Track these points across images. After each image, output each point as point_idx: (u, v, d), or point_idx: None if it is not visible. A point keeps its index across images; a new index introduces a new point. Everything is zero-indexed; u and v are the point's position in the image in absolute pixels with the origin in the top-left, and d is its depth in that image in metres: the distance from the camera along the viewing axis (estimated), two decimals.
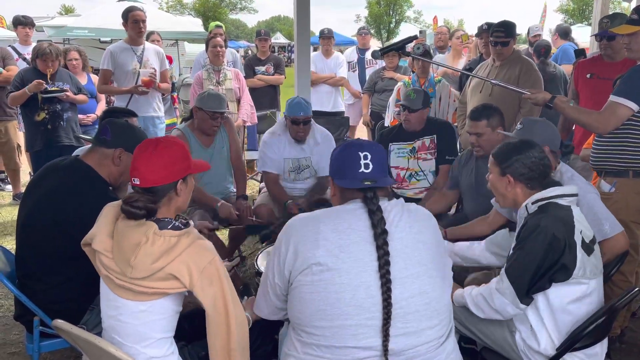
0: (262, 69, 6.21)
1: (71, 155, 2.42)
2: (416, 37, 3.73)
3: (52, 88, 4.47)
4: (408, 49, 5.59)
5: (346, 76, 6.51)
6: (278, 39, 38.36)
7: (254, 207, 3.74)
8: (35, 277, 2.20)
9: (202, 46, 7.31)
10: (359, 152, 1.69)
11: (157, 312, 1.71)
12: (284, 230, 1.70)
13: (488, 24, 4.92)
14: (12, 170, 5.74)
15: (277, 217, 3.63)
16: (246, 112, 5.28)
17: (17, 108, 5.16)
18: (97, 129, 2.52)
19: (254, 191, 5.48)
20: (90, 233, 1.80)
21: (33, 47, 4.87)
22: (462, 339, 2.26)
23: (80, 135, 4.62)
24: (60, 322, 1.77)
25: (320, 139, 3.78)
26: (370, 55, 6.48)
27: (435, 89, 4.71)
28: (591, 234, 2.05)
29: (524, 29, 7.40)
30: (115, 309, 1.73)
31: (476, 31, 5.73)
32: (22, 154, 5.64)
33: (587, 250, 1.98)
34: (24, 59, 5.64)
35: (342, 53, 7.19)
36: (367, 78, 6.21)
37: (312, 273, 1.58)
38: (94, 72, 6.08)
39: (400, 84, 4.96)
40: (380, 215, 1.61)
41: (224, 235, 4.11)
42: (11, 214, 5.24)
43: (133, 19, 4.59)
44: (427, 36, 8.22)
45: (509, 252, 2.07)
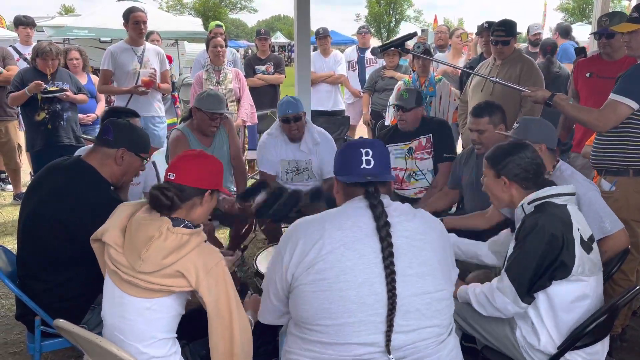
0: (262, 68, 6.21)
1: (73, 156, 2.43)
2: (415, 34, 3.73)
3: (51, 88, 4.46)
4: (408, 47, 5.60)
5: (345, 74, 6.49)
6: (278, 38, 38.34)
7: (253, 207, 3.74)
8: (37, 277, 2.21)
9: (202, 46, 7.32)
10: (361, 149, 1.71)
11: (161, 310, 1.72)
12: (289, 234, 1.70)
13: (489, 22, 4.91)
14: (13, 170, 5.75)
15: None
16: (246, 112, 5.27)
17: (17, 108, 5.15)
18: (99, 129, 2.52)
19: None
20: (101, 228, 1.82)
21: (33, 46, 4.86)
22: (464, 338, 2.26)
23: (81, 135, 4.62)
24: (61, 322, 1.78)
25: (320, 139, 3.75)
26: (370, 52, 6.48)
27: (435, 87, 4.70)
28: (589, 232, 2.06)
29: (524, 28, 7.40)
30: (119, 306, 1.74)
31: (476, 30, 5.73)
32: (23, 154, 5.64)
33: (586, 248, 1.99)
34: (25, 59, 5.63)
35: (342, 52, 7.18)
36: (367, 77, 6.20)
37: (316, 272, 1.58)
38: (94, 72, 6.08)
39: (400, 83, 4.95)
40: (382, 208, 1.63)
41: (224, 235, 4.11)
42: (12, 214, 5.24)
43: (134, 19, 4.60)
44: (428, 35, 8.20)
45: (508, 251, 2.07)
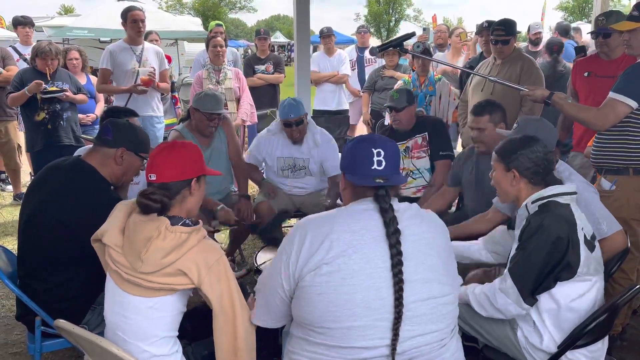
0: (262, 67, 6.20)
1: (73, 156, 2.43)
2: (414, 33, 3.73)
3: (51, 88, 4.46)
4: (407, 47, 5.59)
5: (349, 73, 6.47)
6: (278, 38, 38.34)
7: (254, 205, 3.75)
8: (37, 277, 2.20)
9: (202, 45, 7.31)
10: (372, 149, 1.64)
11: (163, 309, 1.72)
12: (296, 232, 1.65)
13: (488, 22, 4.91)
14: (13, 171, 5.75)
15: (274, 212, 3.66)
16: (245, 112, 5.26)
17: (17, 108, 5.15)
18: (98, 128, 2.52)
19: (254, 191, 5.47)
20: (101, 229, 1.81)
21: (32, 46, 4.85)
22: (464, 337, 2.25)
23: (82, 135, 4.61)
24: (62, 322, 1.77)
25: (320, 141, 3.76)
26: (368, 52, 6.47)
27: (435, 87, 4.71)
28: (591, 230, 2.05)
29: (524, 27, 7.40)
30: (121, 305, 1.74)
31: (476, 29, 5.72)
32: (23, 154, 5.64)
33: (590, 247, 1.99)
34: (25, 59, 5.63)
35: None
36: (366, 76, 6.20)
37: (322, 274, 1.54)
38: (93, 72, 6.07)
39: (400, 82, 4.96)
40: (392, 214, 1.58)
41: (223, 235, 4.11)
42: (12, 214, 5.24)
43: (132, 18, 4.59)
44: (429, 34, 8.19)
45: (511, 251, 2.06)
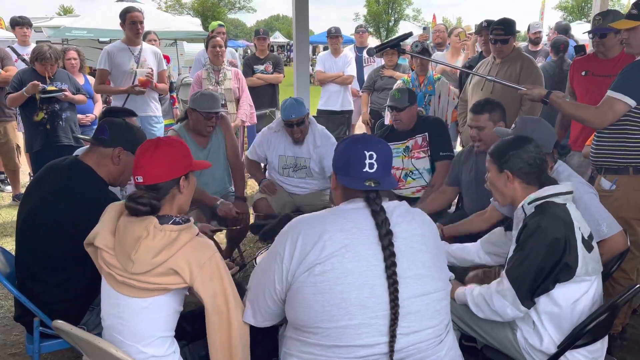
0: (261, 67, 6.20)
1: (71, 155, 2.42)
2: (411, 34, 3.73)
3: (50, 88, 4.46)
4: (406, 47, 5.58)
5: (354, 74, 6.44)
6: (277, 38, 38.35)
7: (253, 202, 3.75)
8: (35, 278, 2.20)
9: (201, 46, 7.30)
10: (364, 151, 1.64)
11: (158, 309, 1.71)
12: (288, 232, 1.65)
13: (488, 21, 4.91)
14: (12, 171, 5.74)
15: (276, 211, 3.68)
16: (245, 112, 5.26)
17: (16, 109, 5.15)
18: (95, 128, 2.52)
19: (254, 190, 5.47)
20: (92, 232, 1.80)
21: (33, 48, 4.85)
22: (463, 337, 2.25)
23: (79, 136, 4.61)
24: (60, 323, 1.77)
25: (320, 141, 3.76)
26: (366, 53, 6.46)
27: (434, 86, 4.70)
28: (588, 230, 2.05)
29: (523, 26, 7.40)
30: (117, 307, 1.73)
31: (475, 29, 5.72)
32: (22, 155, 5.63)
33: (587, 247, 1.98)
34: (23, 60, 5.63)
35: None
36: (364, 76, 6.19)
37: (316, 274, 1.55)
38: (92, 72, 6.06)
39: (399, 82, 4.95)
40: (384, 215, 1.59)
41: (221, 236, 4.10)
42: (11, 215, 5.23)
43: (131, 19, 4.58)
44: (429, 33, 8.19)
45: (508, 253, 2.06)
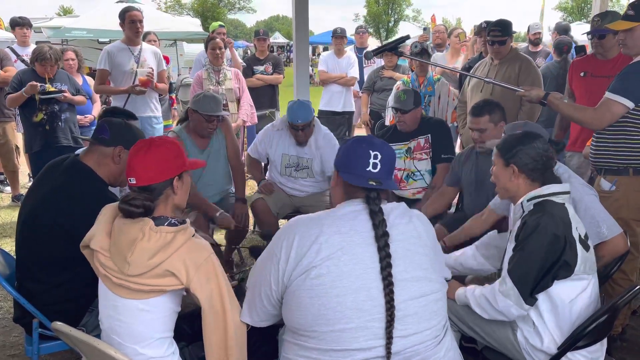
0: (261, 68, 6.20)
1: (72, 155, 2.40)
2: (408, 37, 3.73)
3: (50, 89, 4.45)
4: (405, 47, 5.58)
5: (357, 76, 6.43)
6: (277, 38, 38.37)
7: (251, 203, 3.74)
8: (35, 278, 2.20)
9: (201, 46, 7.30)
10: (370, 150, 1.65)
11: (156, 310, 1.71)
12: (284, 233, 1.66)
13: (487, 22, 4.91)
14: (11, 172, 5.73)
15: (274, 212, 3.68)
16: (246, 112, 5.26)
17: (15, 109, 5.14)
18: (95, 128, 2.51)
19: (254, 191, 5.46)
20: (88, 234, 1.79)
21: (33, 49, 4.85)
22: (463, 338, 2.25)
23: (78, 136, 4.60)
24: (59, 325, 1.76)
25: (323, 142, 3.76)
26: (364, 56, 6.46)
27: (434, 87, 4.70)
28: (584, 230, 2.05)
29: (523, 27, 7.43)
30: (114, 309, 1.72)
31: (474, 30, 5.73)
32: (21, 156, 5.63)
33: (585, 246, 1.99)
34: (23, 61, 5.62)
35: None
36: (364, 77, 6.19)
37: (312, 277, 1.54)
38: (92, 73, 6.06)
39: (399, 82, 4.95)
40: (382, 217, 1.59)
41: (221, 236, 4.09)
42: (10, 216, 5.23)
43: (130, 19, 4.58)
44: (430, 34, 8.20)
45: (507, 252, 2.06)
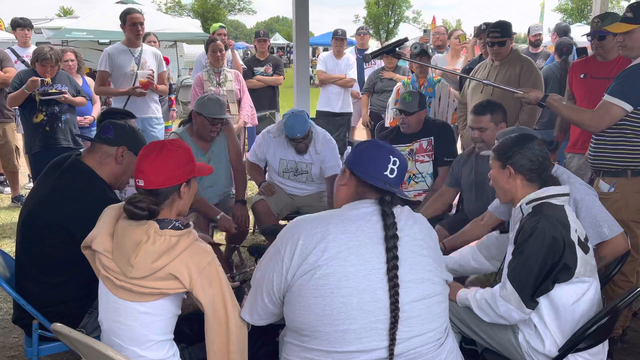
0: (261, 69, 6.19)
1: (74, 154, 2.39)
2: (407, 39, 3.74)
3: (50, 90, 4.45)
4: (405, 48, 5.58)
5: (356, 78, 6.43)
6: (277, 39, 38.42)
7: (252, 204, 3.73)
8: (34, 279, 2.19)
9: (201, 47, 7.30)
10: (390, 156, 1.68)
11: (157, 313, 1.71)
12: (289, 231, 1.64)
13: (486, 24, 4.91)
14: (11, 173, 5.72)
15: (275, 213, 3.69)
16: (247, 114, 5.25)
17: (15, 110, 5.14)
18: (95, 131, 2.51)
19: (254, 192, 5.46)
20: (90, 235, 1.79)
21: (34, 49, 4.85)
22: (464, 340, 2.25)
23: (79, 135, 4.60)
24: (59, 326, 1.76)
25: (321, 146, 3.75)
26: (362, 59, 6.45)
27: (434, 88, 4.70)
28: (584, 232, 2.05)
29: (523, 29, 7.44)
30: (115, 311, 1.72)
31: (474, 32, 5.72)
32: (21, 156, 5.62)
33: (584, 249, 1.98)
34: (23, 61, 5.63)
35: None
36: (365, 78, 6.19)
37: (317, 277, 1.53)
38: (92, 73, 6.06)
39: (399, 84, 4.95)
40: (393, 219, 1.60)
41: (221, 237, 4.09)
42: (10, 217, 5.23)
43: (131, 21, 4.58)
44: (430, 36, 8.21)
45: (507, 255, 2.05)
